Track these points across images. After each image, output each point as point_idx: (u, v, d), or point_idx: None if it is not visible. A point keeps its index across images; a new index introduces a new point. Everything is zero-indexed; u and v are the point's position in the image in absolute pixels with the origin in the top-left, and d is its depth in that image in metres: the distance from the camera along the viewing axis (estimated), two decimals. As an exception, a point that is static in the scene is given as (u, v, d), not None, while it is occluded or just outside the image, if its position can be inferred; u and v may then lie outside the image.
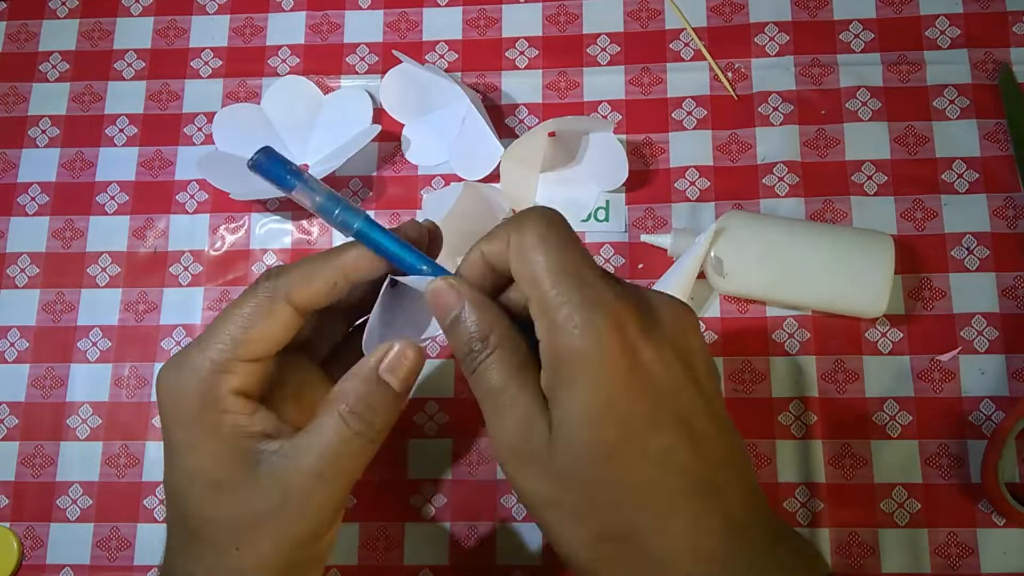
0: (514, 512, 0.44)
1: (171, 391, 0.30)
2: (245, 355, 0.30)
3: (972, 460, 0.43)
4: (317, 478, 0.29)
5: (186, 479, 0.29)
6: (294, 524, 0.29)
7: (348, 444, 0.29)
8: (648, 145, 0.49)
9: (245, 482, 0.29)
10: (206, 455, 0.29)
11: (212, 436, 0.29)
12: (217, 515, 0.29)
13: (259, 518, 0.29)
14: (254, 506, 0.28)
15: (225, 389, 0.29)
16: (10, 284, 0.50)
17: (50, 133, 0.53)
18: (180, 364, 0.30)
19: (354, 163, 0.49)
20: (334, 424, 0.29)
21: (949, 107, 0.48)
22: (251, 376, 0.30)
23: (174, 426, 0.30)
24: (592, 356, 0.24)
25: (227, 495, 0.29)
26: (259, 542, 0.29)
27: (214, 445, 0.29)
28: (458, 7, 0.52)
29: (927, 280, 0.45)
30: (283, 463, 0.29)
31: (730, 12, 0.51)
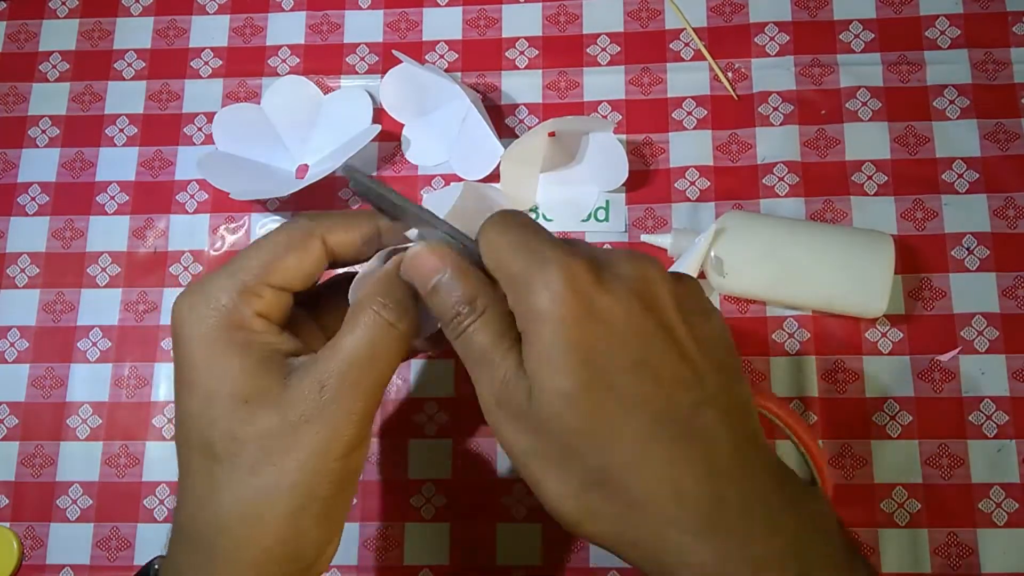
0: (514, 512, 0.44)
1: (193, 310, 0.29)
2: (275, 280, 0.30)
3: (972, 460, 0.43)
4: (356, 369, 0.28)
5: (210, 400, 0.28)
6: (333, 424, 0.28)
7: (384, 333, 0.29)
8: (648, 145, 0.49)
9: (278, 391, 0.28)
10: (234, 371, 0.28)
11: (240, 352, 0.29)
12: (250, 431, 0.28)
13: (297, 424, 0.28)
14: (290, 414, 0.28)
15: (251, 311, 0.29)
16: (10, 284, 0.50)
17: (50, 133, 0.53)
18: (202, 287, 0.29)
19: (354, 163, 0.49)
20: (368, 317, 0.29)
21: (949, 107, 0.48)
22: (276, 304, 0.30)
23: (196, 348, 0.29)
24: (549, 308, 0.25)
25: (260, 408, 0.28)
26: (296, 452, 0.28)
27: (243, 360, 0.28)
28: (458, 7, 0.52)
29: (927, 280, 0.45)
30: (318, 364, 0.28)
31: (730, 12, 0.51)
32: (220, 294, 0.29)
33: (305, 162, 0.51)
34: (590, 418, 0.25)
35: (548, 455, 0.26)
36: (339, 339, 0.29)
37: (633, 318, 0.26)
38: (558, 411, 0.25)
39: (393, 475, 0.45)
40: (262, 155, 0.51)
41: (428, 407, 0.46)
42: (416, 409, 0.46)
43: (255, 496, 0.28)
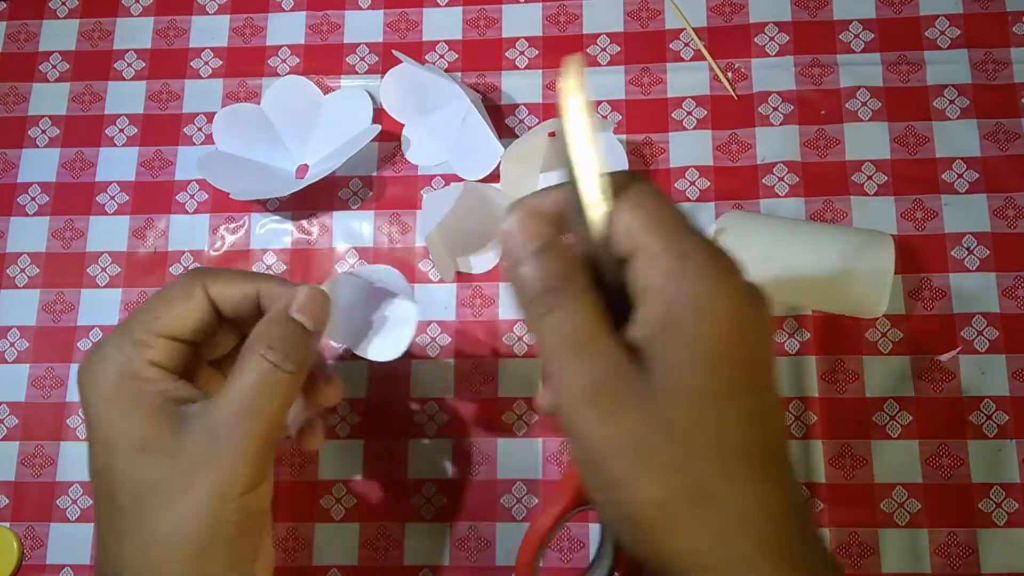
0: (514, 512, 0.44)
1: (90, 370, 0.31)
2: (164, 331, 0.31)
3: (972, 460, 0.43)
4: (244, 414, 0.29)
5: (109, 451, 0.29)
6: (225, 469, 0.29)
7: (269, 376, 0.30)
8: (648, 145, 0.49)
9: (171, 439, 0.29)
10: (129, 422, 0.30)
11: (135, 402, 0.30)
12: (146, 479, 0.29)
13: (189, 471, 0.29)
14: (182, 462, 0.29)
15: (144, 360, 0.31)
16: (10, 284, 0.50)
17: (50, 133, 0.53)
18: (99, 347, 0.31)
19: (354, 163, 0.49)
20: (254, 361, 0.30)
21: (949, 107, 0.48)
22: (170, 354, 0.32)
23: (94, 401, 0.30)
24: (722, 304, 0.24)
25: (154, 456, 0.29)
26: (191, 499, 0.28)
27: (138, 410, 0.30)
28: (458, 7, 0.52)
29: (927, 280, 0.45)
30: (208, 411, 0.30)
31: (730, 12, 0.51)
32: (112, 350, 0.31)
33: (305, 162, 0.51)
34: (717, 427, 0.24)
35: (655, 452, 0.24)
36: (227, 384, 0.30)
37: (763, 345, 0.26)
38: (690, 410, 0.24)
39: (393, 475, 0.45)
40: (262, 155, 0.51)
41: (428, 407, 0.46)
42: (416, 409, 0.46)
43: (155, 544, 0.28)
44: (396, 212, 0.49)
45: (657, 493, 0.24)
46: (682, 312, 0.24)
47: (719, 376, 0.24)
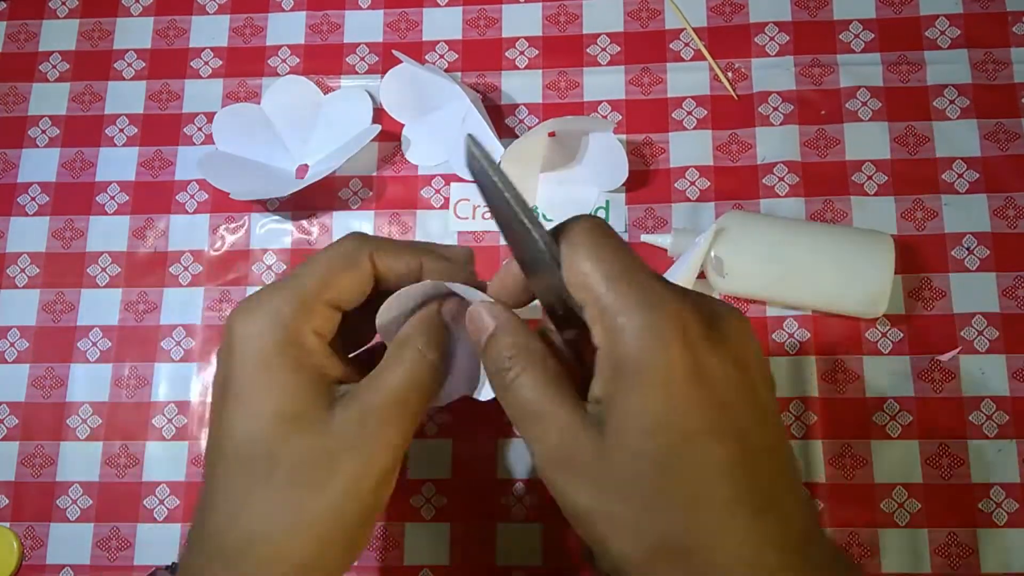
0: (514, 512, 0.44)
1: (248, 329, 0.29)
2: (330, 297, 0.30)
3: (972, 460, 0.43)
4: (396, 405, 0.29)
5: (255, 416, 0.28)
6: (370, 457, 0.29)
7: (425, 373, 0.30)
8: (648, 145, 0.49)
9: (324, 417, 0.28)
10: (285, 392, 0.29)
11: (293, 370, 0.29)
12: (290, 451, 0.28)
13: (337, 453, 0.28)
14: (331, 441, 0.28)
15: (308, 327, 0.29)
16: (10, 284, 0.50)
17: (50, 133, 0.53)
18: (258, 305, 0.30)
19: (354, 163, 0.49)
20: (411, 355, 0.30)
21: (949, 107, 0.48)
22: (328, 322, 0.30)
23: (250, 359, 0.29)
24: (654, 361, 0.24)
25: (304, 431, 0.28)
26: (333, 478, 0.28)
27: (294, 382, 0.29)
28: (458, 7, 0.52)
29: (927, 280, 0.45)
30: (360, 395, 0.29)
31: (730, 12, 0.51)
32: (281, 307, 0.29)
33: (305, 162, 0.51)
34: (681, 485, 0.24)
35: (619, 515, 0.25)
36: (381, 373, 0.30)
37: (732, 386, 0.25)
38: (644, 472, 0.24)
39: (393, 475, 0.45)
40: (262, 155, 0.51)
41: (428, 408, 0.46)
42: (416, 409, 0.46)
43: (289, 516, 0.28)
44: (396, 212, 0.49)
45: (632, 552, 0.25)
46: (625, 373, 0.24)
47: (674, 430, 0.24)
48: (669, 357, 0.24)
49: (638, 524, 0.24)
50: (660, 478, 0.24)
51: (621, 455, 0.24)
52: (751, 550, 0.24)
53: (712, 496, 0.24)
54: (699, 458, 0.24)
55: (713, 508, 0.24)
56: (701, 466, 0.24)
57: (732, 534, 0.24)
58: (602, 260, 0.26)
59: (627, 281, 0.25)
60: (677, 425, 0.24)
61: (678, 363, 0.24)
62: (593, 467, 0.25)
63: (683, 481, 0.24)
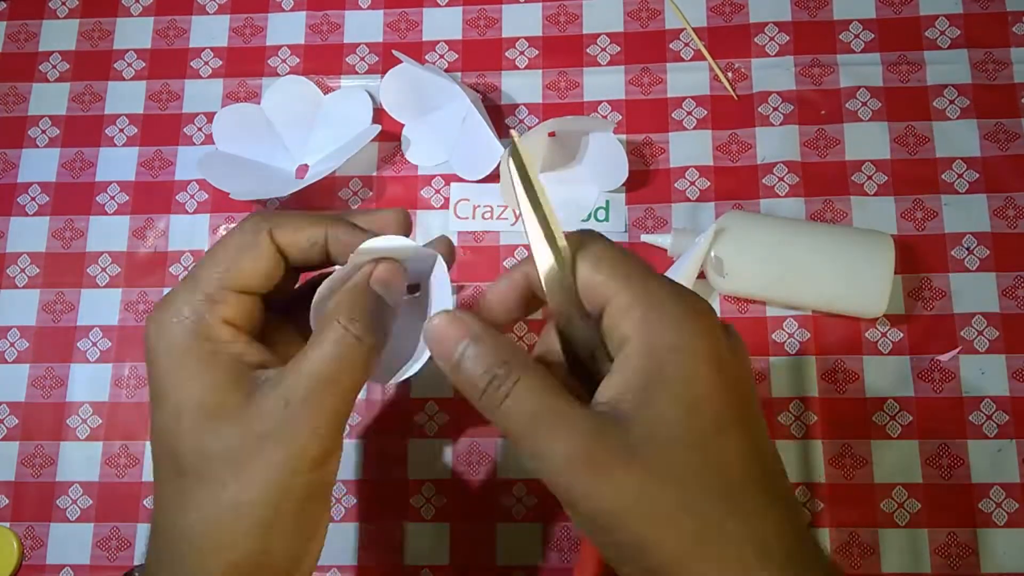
0: (514, 512, 0.44)
1: (161, 328, 0.29)
2: (235, 284, 0.30)
3: (972, 460, 0.43)
4: (321, 386, 0.28)
5: (178, 414, 0.28)
6: (297, 440, 0.28)
7: (350, 349, 0.28)
8: (648, 145, 0.49)
9: (244, 406, 0.28)
10: (202, 385, 0.28)
11: (208, 365, 0.29)
12: (215, 446, 0.28)
13: (260, 440, 0.27)
14: (254, 428, 0.28)
15: (217, 318, 0.29)
16: (10, 284, 0.50)
17: (50, 133, 0.53)
18: (169, 303, 0.30)
19: (354, 163, 0.49)
20: (335, 332, 0.28)
21: (949, 107, 0.48)
22: (242, 309, 0.30)
23: (165, 362, 0.29)
24: (695, 347, 0.25)
25: (225, 422, 0.28)
26: (261, 467, 0.27)
27: (210, 374, 0.28)
28: (458, 7, 0.52)
29: (927, 280, 0.45)
30: (283, 379, 0.28)
31: (730, 12, 0.51)
32: (183, 306, 0.29)
33: (305, 162, 0.51)
34: (717, 465, 0.24)
35: (656, 508, 0.24)
36: (304, 353, 0.29)
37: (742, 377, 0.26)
38: (683, 456, 0.24)
39: (393, 475, 0.45)
40: (262, 155, 0.51)
41: (428, 407, 0.46)
42: (416, 409, 0.46)
43: (220, 512, 0.27)
44: (396, 212, 0.49)
45: (670, 543, 0.24)
46: (662, 359, 0.25)
47: (706, 416, 0.25)
48: (706, 342, 0.25)
49: (677, 510, 0.24)
50: (697, 461, 0.24)
51: (653, 446, 0.24)
52: (778, 533, 0.24)
53: (740, 479, 0.25)
54: (729, 445, 0.25)
55: (743, 490, 0.24)
56: (731, 451, 0.25)
57: (760, 514, 0.24)
58: (620, 262, 0.26)
59: (650, 278, 0.26)
60: (711, 408, 0.25)
61: (712, 349, 0.25)
62: (623, 463, 0.24)
63: (720, 464, 0.24)
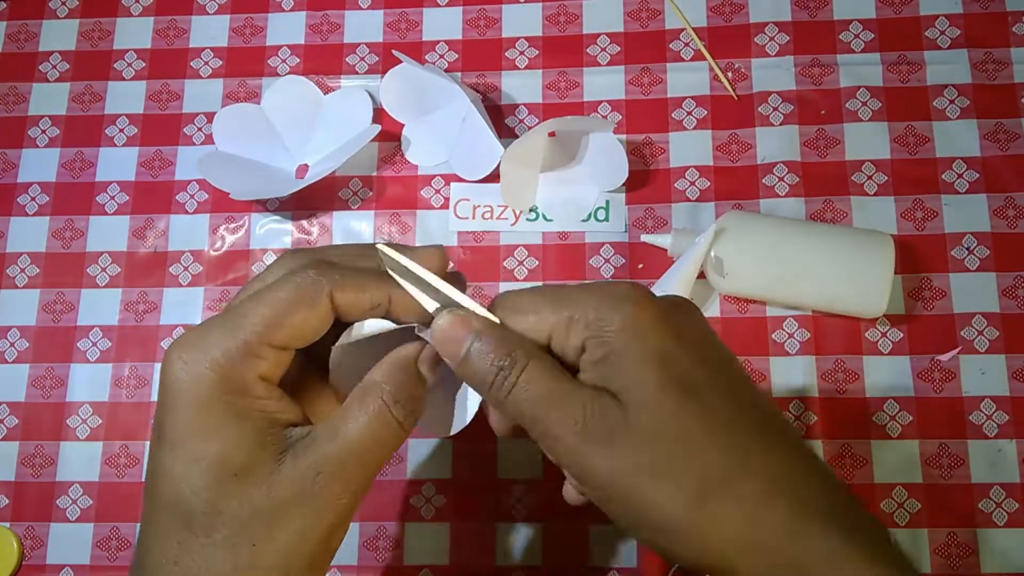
0: (514, 512, 0.44)
1: (188, 365, 0.27)
2: (279, 340, 0.27)
3: (972, 460, 0.43)
4: (354, 460, 0.27)
5: (195, 465, 0.26)
6: (318, 513, 0.27)
7: (391, 432, 0.28)
8: (648, 145, 0.49)
9: (271, 469, 0.27)
10: (227, 441, 0.26)
11: (237, 420, 0.27)
12: (234, 506, 0.26)
13: (285, 507, 0.26)
14: (280, 495, 0.26)
15: (253, 374, 0.27)
16: (10, 284, 0.50)
17: (50, 133, 0.53)
18: (201, 342, 0.27)
19: (354, 163, 0.49)
20: (377, 408, 0.27)
21: (949, 107, 0.48)
22: (278, 365, 0.28)
23: (189, 408, 0.27)
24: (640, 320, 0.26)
25: (249, 484, 0.26)
26: (281, 535, 0.26)
27: (239, 430, 0.27)
28: (458, 7, 0.52)
29: (927, 280, 0.45)
30: (315, 445, 0.27)
31: (730, 12, 0.51)
32: (219, 353, 0.27)
33: (305, 162, 0.51)
34: (705, 417, 0.25)
35: (657, 468, 0.25)
36: (339, 423, 0.27)
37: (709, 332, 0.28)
38: (669, 414, 0.25)
39: (393, 475, 0.45)
40: (262, 155, 0.51)
41: (428, 407, 0.46)
42: (416, 409, 0.46)
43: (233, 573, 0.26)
44: (396, 212, 0.49)
45: (677, 500, 0.25)
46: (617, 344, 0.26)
47: (675, 376, 0.26)
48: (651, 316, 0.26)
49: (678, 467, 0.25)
50: (683, 416, 0.25)
51: (643, 408, 0.25)
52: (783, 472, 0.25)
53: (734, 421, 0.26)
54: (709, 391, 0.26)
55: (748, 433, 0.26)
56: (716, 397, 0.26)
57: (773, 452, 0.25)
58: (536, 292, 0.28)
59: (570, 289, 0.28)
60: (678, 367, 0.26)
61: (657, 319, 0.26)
62: (622, 428, 0.25)
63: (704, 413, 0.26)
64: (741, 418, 0.26)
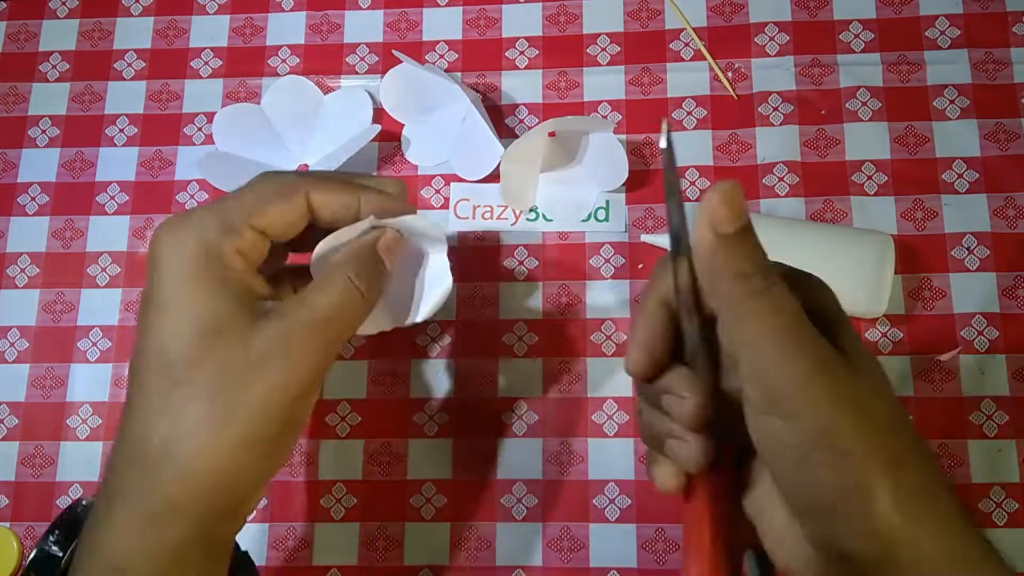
0: (514, 512, 0.44)
1: (175, 236, 0.30)
2: (258, 223, 0.31)
3: (972, 460, 0.43)
4: (321, 326, 0.30)
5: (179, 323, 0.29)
6: (291, 372, 0.29)
7: (352, 299, 0.31)
8: (648, 145, 0.49)
9: (247, 328, 0.29)
10: (209, 303, 0.29)
11: (218, 286, 0.30)
12: (212, 359, 0.29)
13: (259, 363, 0.29)
14: (253, 353, 0.29)
15: (232, 247, 0.30)
16: (10, 284, 0.50)
17: (50, 133, 0.53)
18: (184, 221, 0.30)
19: (354, 163, 0.49)
20: (341, 281, 0.31)
21: (949, 107, 0.48)
22: (255, 247, 0.31)
23: (173, 275, 0.30)
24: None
25: (227, 340, 0.29)
26: (254, 387, 0.29)
27: (219, 294, 0.30)
28: (458, 7, 0.52)
29: (927, 280, 0.45)
30: (286, 313, 0.30)
31: (730, 12, 0.51)
32: (203, 226, 0.30)
33: (305, 162, 0.51)
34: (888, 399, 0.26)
35: (873, 423, 0.25)
36: (309, 294, 0.31)
37: None
38: (877, 389, 0.25)
39: (393, 475, 0.45)
40: (262, 155, 0.51)
41: (428, 407, 0.46)
42: (416, 409, 0.46)
43: (208, 423, 0.28)
44: (396, 212, 0.49)
45: (881, 456, 0.24)
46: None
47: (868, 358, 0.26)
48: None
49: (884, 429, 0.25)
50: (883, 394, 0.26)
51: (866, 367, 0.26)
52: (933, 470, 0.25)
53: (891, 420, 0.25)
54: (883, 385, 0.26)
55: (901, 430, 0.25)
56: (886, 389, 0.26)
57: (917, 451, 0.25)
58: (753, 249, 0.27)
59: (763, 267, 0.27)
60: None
61: None
62: (853, 381, 0.25)
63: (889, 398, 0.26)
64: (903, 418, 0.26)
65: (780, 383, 0.24)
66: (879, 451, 0.24)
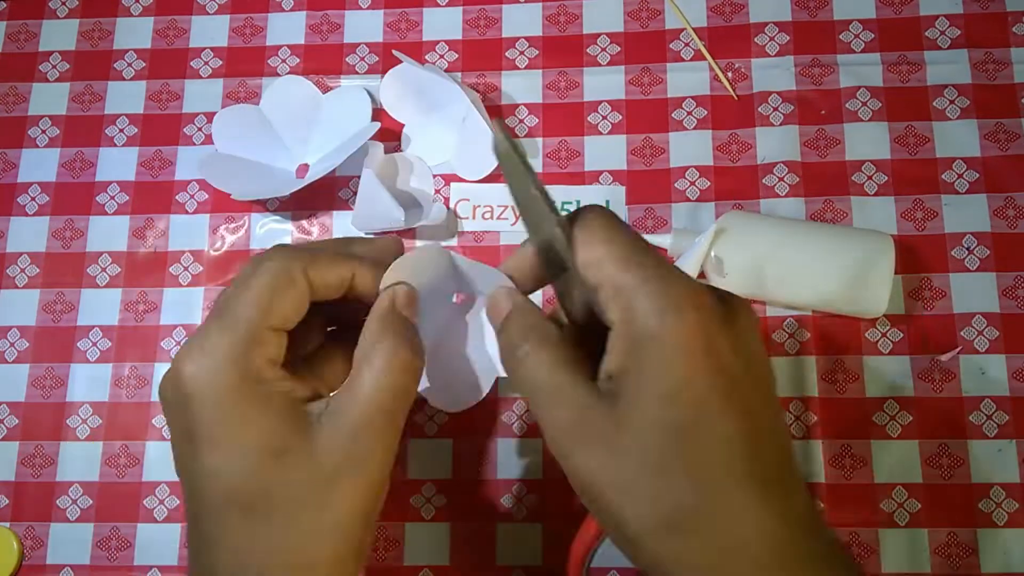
0: (514, 512, 0.44)
1: (202, 375, 0.28)
2: (276, 323, 0.29)
3: (972, 460, 0.43)
4: (380, 412, 0.29)
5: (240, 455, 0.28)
6: (364, 472, 0.28)
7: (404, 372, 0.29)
8: (648, 145, 0.49)
9: (308, 443, 0.28)
10: (259, 428, 0.28)
11: (264, 407, 0.28)
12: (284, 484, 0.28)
13: (333, 475, 0.28)
14: (324, 464, 0.28)
15: (263, 359, 0.29)
16: (10, 284, 0.50)
17: (50, 133, 0.53)
18: (204, 348, 0.28)
19: (354, 162, 0.49)
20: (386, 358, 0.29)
21: (949, 107, 0.48)
22: (278, 346, 0.30)
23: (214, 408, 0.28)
24: (671, 332, 0.25)
25: (292, 461, 0.28)
26: (334, 499, 0.28)
27: (267, 416, 0.28)
28: (458, 7, 0.52)
29: (927, 280, 0.45)
30: (341, 411, 0.29)
31: (730, 12, 0.51)
32: (226, 348, 0.28)
33: (305, 162, 0.51)
34: (694, 454, 0.24)
35: (633, 484, 0.25)
36: (359, 383, 0.29)
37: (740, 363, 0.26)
38: (659, 440, 0.24)
39: (393, 475, 0.45)
40: (262, 155, 0.51)
41: (428, 408, 0.46)
42: (416, 409, 0.46)
43: (301, 547, 0.28)
44: (396, 212, 0.49)
45: (645, 522, 0.25)
46: (642, 345, 0.25)
47: (684, 406, 0.24)
48: (685, 329, 0.25)
49: (652, 492, 0.25)
50: (674, 446, 0.24)
51: (636, 424, 0.25)
52: (761, 521, 0.24)
53: (724, 466, 0.24)
54: (711, 429, 0.25)
55: (726, 478, 0.24)
56: (713, 437, 0.25)
57: (742, 504, 0.24)
58: (616, 242, 0.26)
59: (641, 262, 0.26)
60: (690, 395, 0.24)
61: (693, 336, 0.25)
62: (608, 437, 0.25)
63: (695, 450, 0.24)
64: (739, 461, 0.25)
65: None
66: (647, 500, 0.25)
